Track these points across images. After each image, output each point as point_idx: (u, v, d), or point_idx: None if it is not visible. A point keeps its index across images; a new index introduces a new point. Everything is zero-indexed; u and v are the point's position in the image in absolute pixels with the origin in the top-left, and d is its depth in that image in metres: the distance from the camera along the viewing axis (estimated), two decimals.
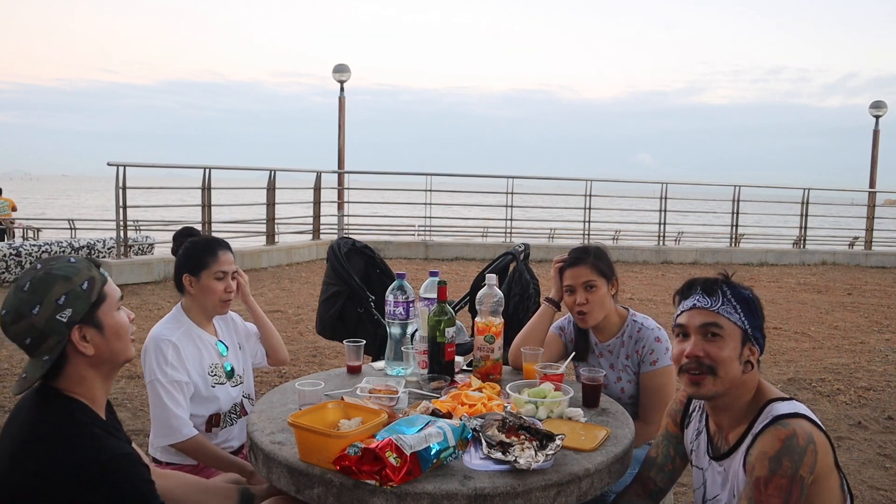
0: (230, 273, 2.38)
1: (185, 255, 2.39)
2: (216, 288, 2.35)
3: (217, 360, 2.39)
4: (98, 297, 1.52)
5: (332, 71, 12.88)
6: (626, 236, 15.80)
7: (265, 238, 10.66)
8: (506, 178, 12.75)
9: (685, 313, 1.68)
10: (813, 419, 1.56)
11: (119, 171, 8.23)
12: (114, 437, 1.50)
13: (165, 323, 2.36)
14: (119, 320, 1.56)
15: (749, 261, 12.44)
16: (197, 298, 2.37)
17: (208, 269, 2.34)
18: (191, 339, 2.33)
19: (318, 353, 5.56)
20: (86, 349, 1.49)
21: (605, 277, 2.38)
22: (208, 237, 2.47)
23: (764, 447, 1.52)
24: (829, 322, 7.38)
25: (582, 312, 2.38)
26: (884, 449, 3.94)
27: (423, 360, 2.33)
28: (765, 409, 1.62)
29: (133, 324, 1.61)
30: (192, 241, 2.41)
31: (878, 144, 14.39)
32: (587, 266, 2.37)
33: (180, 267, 2.38)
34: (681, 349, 1.67)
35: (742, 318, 1.64)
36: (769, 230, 19.17)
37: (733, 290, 1.66)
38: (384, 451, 1.55)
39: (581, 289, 2.37)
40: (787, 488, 1.47)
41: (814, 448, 1.50)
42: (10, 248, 8.95)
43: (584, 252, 2.42)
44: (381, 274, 3.31)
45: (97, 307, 1.51)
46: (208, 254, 2.35)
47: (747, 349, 1.65)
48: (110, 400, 1.76)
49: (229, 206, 12.89)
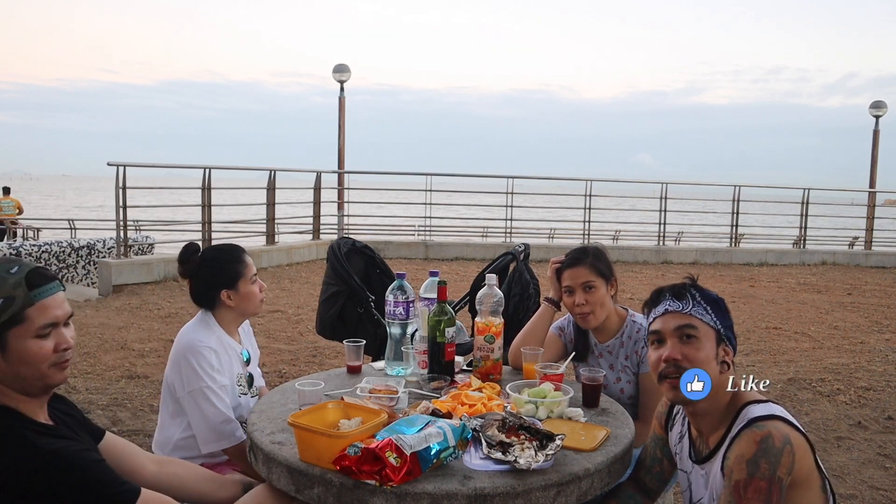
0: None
1: (212, 271, 2.32)
2: (255, 292, 2.34)
3: (241, 369, 2.36)
4: (10, 319, 1.43)
5: (332, 71, 12.89)
6: (626, 236, 15.80)
7: (265, 238, 10.66)
8: (506, 178, 12.74)
9: (658, 319, 1.69)
10: (790, 420, 1.56)
11: (119, 171, 8.23)
12: (49, 437, 1.47)
13: (197, 329, 2.29)
14: (31, 348, 1.46)
15: (749, 261, 12.43)
16: (237, 308, 2.33)
17: (244, 277, 2.32)
18: (223, 347, 2.31)
19: (318, 353, 5.56)
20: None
21: (603, 278, 2.38)
22: (223, 246, 2.41)
23: (741, 450, 1.51)
24: (829, 322, 7.38)
25: (583, 313, 2.38)
26: (884, 449, 3.93)
27: (423, 360, 2.33)
28: (741, 411, 1.61)
29: (68, 352, 1.52)
30: (213, 257, 2.35)
31: (878, 144, 14.39)
32: (586, 267, 2.38)
33: (214, 284, 2.31)
34: (658, 355, 1.67)
35: (714, 319, 1.66)
36: (769, 230, 19.17)
37: (701, 293, 1.69)
38: (384, 451, 1.55)
39: (580, 290, 2.37)
40: (767, 490, 1.46)
41: (790, 449, 1.49)
42: (10, 249, 8.96)
43: (583, 253, 2.42)
44: (381, 274, 3.31)
45: (6, 328, 1.44)
46: (237, 263, 2.33)
47: (722, 349, 1.66)
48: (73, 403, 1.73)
49: (229, 206, 12.90)
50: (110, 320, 6.47)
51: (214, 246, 2.45)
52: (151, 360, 5.23)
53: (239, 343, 2.41)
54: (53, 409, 1.61)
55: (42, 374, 1.49)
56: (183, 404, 2.23)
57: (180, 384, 2.22)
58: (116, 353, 5.44)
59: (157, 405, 4.25)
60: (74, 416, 1.68)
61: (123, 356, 5.35)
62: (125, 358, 5.30)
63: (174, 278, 8.59)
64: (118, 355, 5.37)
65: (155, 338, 5.86)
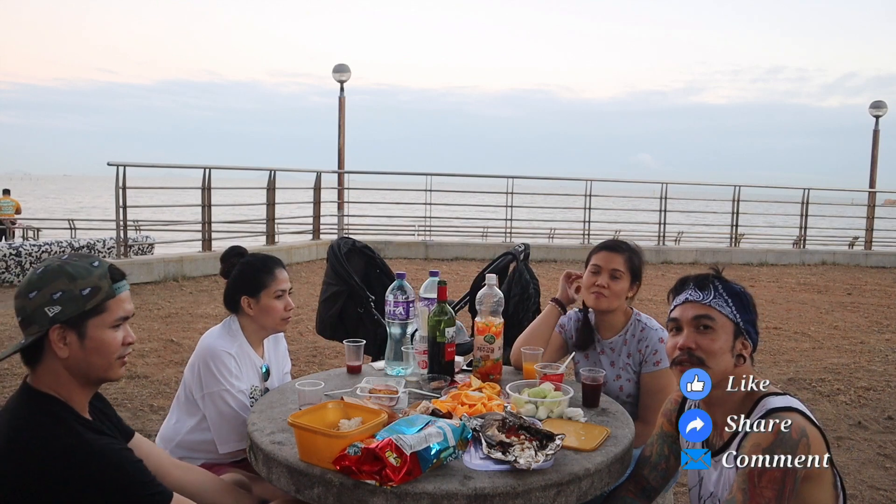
0: (287, 291, 2.35)
1: (241, 275, 2.33)
2: (276, 307, 2.32)
3: (258, 383, 2.35)
4: (94, 308, 1.50)
5: (332, 71, 12.89)
6: (626, 236, 15.77)
7: (265, 238, 10.66)
8: (506, 178, 12.75)
9: (678, 307, 1.72)
10: (807, 414, 1.57)
11: (119, 171, 8.23)
12: (93, 433, 1.50)
13: (221, 336, 2.30)
14: (106, 337, 1.53)
15: (749, 261, 12.44)
16: (256, 319, 2.33)
17: (268, 289, 2.30)
18: (243, 357, 2.31)
19: (318, 353, 5.56)
20: (60, 350, 1.49)
21: (632, 274, 2.40)
22: (264, 256, 2.41)
23: (757, 439, 1.53)
24: (829, 322, 7.38)
25: (599, 293, 2.37)
26: (884, 449, 3.94)
27: (423, 360, 2.33)
28: (759, 403, 1.63)
29: (129, 347, 1.58)
30: (247, 262, 2.36)
31: (878, 144, 14.39)
32: (622, 255, 2.39)
33: (238, 288, 2.32)
34: (674, 342, 1.70)
35: (734, 312, 1.67)
36: (769, 230, 19.17)
37: (725, 285, 1.70)
38: (384, 451, 1.55)
39: (606, 273, 2.37)
40: (781, 480, 1.48)
41: (807, 442, 1.51)
42: (10, 248, 8.96)
43: (624, 244, 2.44)
44: (381, 274, 3.31)
45: (89, 316, 1.50)
46: (266, 273, 2.32)
47: (739, 343, 1.67)
48: (109, 401, 1.76)
49: (229, 206, 12.90)
50: None
51: (256, 253, 2.44)
52: (151, 360, 5.23)
53: (262, 357, 2.40)
54: (92, 405, 1.63)
55: (110, 364, 1.55)
56: (201, 405, 2.24)
57: (198, 386, 2.23)
58: None
59: (158, 405, 4.26)
60: (108, 415, 1.70)
61: None
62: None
63: (174, 278, 8.60)
64: None
65: (155, 338, 5.86)
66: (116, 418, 1.75)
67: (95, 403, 1.66)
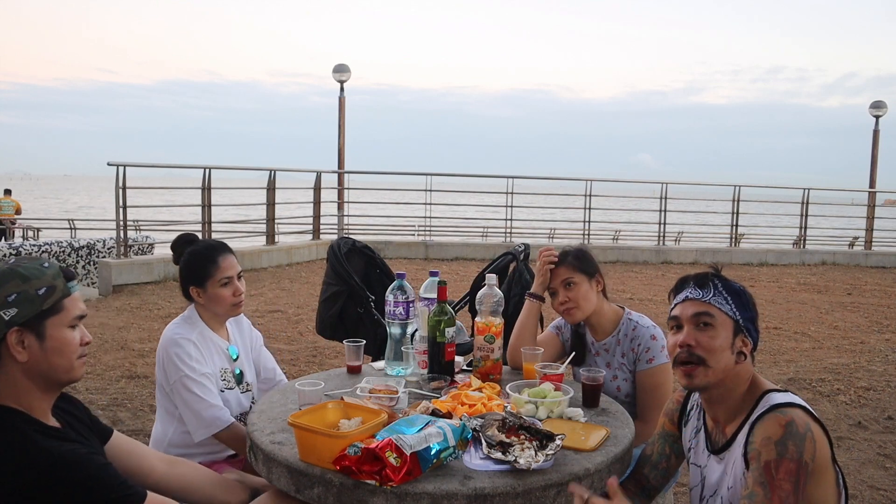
0: (235, 276, 2.35)
1: (186, 266, 2.35)
2: (224, 294, 2.33)
3: (227, 364, 2.37)
4: (51, 307, 1.48)
5: (332, 71, 12.89)
6: (626, 236, 15.79)
7: (265, 238, 10.66)
8: (506, 178, 12.75)
9: (678, 305, 1.73)
10: (810, 410, 1.58)
11: (119, 171, 8.23)
12: (56, 440, 1.48)
13: (179, 325, 2.32)
14: (66, 337, 1.51)
15: (749, 261, 12.44)
16: (208, 307, 2.35)
17: (213, 278, 2.31)
18: (205, 342, 2.32)
19: (318, 353, 5.56)
20: (19, 354, 1.46)
21: (584, 273, 2.42)
22: (206, 244, 2.40)
23: (767, 433, 1.53)
24: (829, 322, 7.38)
25: (567, 309, 2.41)
26: (884, 449, 3.94)
27: (423, 360, 2.33)
28: (761, 399, 1.63)
29: (86, 347, 1.56)
30: (190, 252, 2.37)
31: (878, 144, 14.39)
32: (564, 266, 2.43)
33: (185, 279, 2.35)
34: (674, 340, 1.71)
35: (734, 310, 1.68)
36: (769, 230, 19.17)
37: (724, 283, 1.71)
38: (384, 451, 1.55)
39: (561, 288, 2.42)
40: (796, 472, 1.47)
41: (812, 436, 1.51)
42: (10, 248, 8.97)
43: (563, 254, 2.47)
44: (381, 274, 3.31)
45: (46, 316, 1.48)
46: (210, 262, 2.32)
47: (739, 340, 1.67)
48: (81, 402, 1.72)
49: (229, 206, 12.90)
50: (110, 320, 6.48)
51: (200, 241, 2.43)
52: (151, 360, 5.23)
53: (226, 339, 2.41)
54: (59, 409, 1.61)
55: (72, 365, 1.53)
56: (173, 398, 2.25)
57: (164, 378, 2.25)
58: (116, 353, 5.45)
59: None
60: (79, 417, 1.67)
61: (123, 356, 5.35)
62: (125, 358, 5.31)
63: (174, 278, 8.59)
64: (118, 355, 5.37)
65: (155, 338, 5.86)
66: (90, 419, 1.71)
67: (62, 406, 1.63)
